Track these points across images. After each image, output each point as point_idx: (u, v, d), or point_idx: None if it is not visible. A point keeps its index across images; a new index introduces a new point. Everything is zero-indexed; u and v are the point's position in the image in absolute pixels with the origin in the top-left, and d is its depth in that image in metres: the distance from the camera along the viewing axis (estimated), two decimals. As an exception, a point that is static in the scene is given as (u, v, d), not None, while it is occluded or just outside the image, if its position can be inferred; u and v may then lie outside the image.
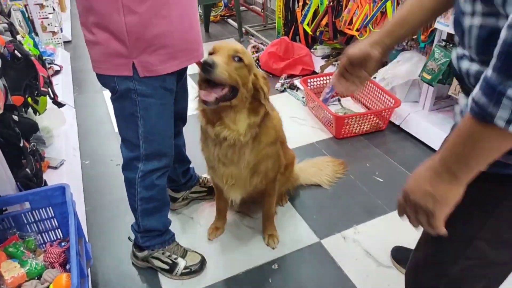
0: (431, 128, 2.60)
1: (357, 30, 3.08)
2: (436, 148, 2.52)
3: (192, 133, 1.97)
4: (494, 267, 0.94)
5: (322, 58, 3.70)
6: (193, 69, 1.72)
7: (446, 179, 0.75)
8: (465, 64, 0.81)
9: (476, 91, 0.67)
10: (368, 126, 2.76)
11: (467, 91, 0.87)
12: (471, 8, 0.76)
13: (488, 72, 0.65)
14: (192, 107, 1.66)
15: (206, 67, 1.29)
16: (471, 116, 0.68)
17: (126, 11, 1.25)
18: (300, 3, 3.67)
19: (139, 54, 1.33)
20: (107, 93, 1.47)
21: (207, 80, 1.36)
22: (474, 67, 0.79)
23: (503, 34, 0.62)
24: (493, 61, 0.64)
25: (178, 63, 1.44)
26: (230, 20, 5.17)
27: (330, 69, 3.46)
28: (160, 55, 1.36)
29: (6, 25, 1.99)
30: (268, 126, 1.59)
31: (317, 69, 3.59)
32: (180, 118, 1.84)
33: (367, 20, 2.97)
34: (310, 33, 3.62)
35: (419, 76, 2.63)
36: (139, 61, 1.34)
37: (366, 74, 1.14)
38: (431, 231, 0.82)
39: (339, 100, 3.14)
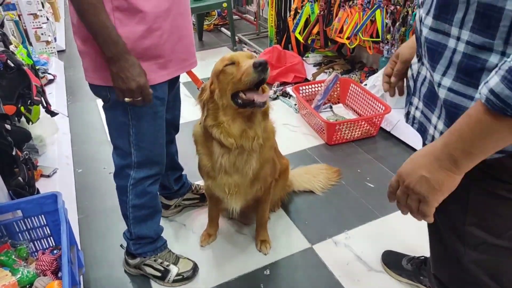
0: (421, 134, 2.63)
1: (348, 38, 3.12)
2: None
3: (184, 140, 1.99)
4: (504, 251, 0.92)
5: (314, 65, 3.75)
6: (186, 77, 1.74)
7: (446, 166, 0.74)
8: (422, 29, 0.85)
9: (495, 82, 0.64)
10: (359, 132, 2.79)
11: (419, 57, 0.93)
12: None
13: (511, 63, 0.63)
14: (187, 116, 1.68)
15: (266, 66, 1.34)
16: (486, 107, 0.66)
17: (118, 24, 1.27)
18: (292, 12, 3.73)
19: None
20: (100, 102, 1.48)
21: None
22: (425, 33, 0.83)
23: None
24: None
25: (169, 72, 1.46)
26: (223, 29, 5.22)
27: (322, 76, 3.50)
28: (151, 65, 1.37)
29: (-1, 35, 2.01)
30: (269, 130, 1.62)
31: (309, 77, 3.63)
32: (173, 126, 1.86)
33: (357, 28, 3.02)
34: (302, 41, 3.68)
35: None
36: None
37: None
38: (418, 218, 0.82)
39: (330, 107, 3.18)
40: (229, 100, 1.45)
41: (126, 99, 1.32)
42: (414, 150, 2.63)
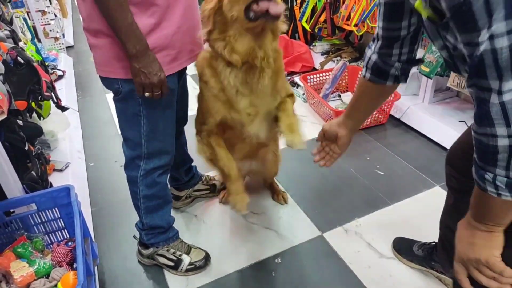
0: (431, 120, 2.62)
1: (355, 25, 3.09)
2: (437, 140, 2.54)
3: (193, 132, 1.99)
4: None
5: (322, 54, 3.72)
6: (193, 69, 1.74)
7: (484, 229, 0.88)
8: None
9: (473, 171, 0.84)
10: (369, 120, 2.78)
11: None
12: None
13: (474, 155, 0.83)
14: (195, 108, 1.68)
15: None
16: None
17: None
18: (298, 1, 3.70)
19: None
20: (110, 96, 1.50)
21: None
22: None
23: (473, 135, 0.81)
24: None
25: (179, 63, 1.47)
26: (230, 20, 5.19)
27: (330, 65, 3.48)
28: (163, 57, 1.39)
29: (8, 32, 2.04)
30: (278, 51, 1.50)
31: (317, 66, 3.61)
32: (181, 117, 1.87)
33: (364, 15, 2.99)
34: (309, 30, 3.65)
35: (417, 69, 2.64)
36: None
37: (337, 149, 1.39)
38: (504, 281, 0.89)
39: (339, 96, 3.16)
40: (242, 12, 1.29)
41: (146, 93, 1.36)
42: (424, 136, 2.62)
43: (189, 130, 1.98)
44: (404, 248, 1.79)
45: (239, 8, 1.28)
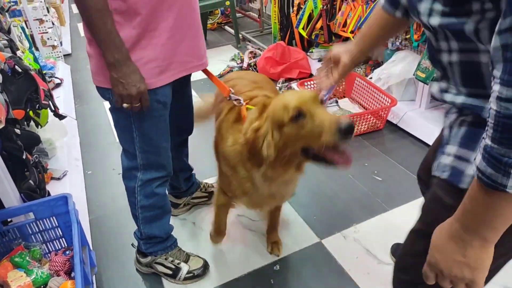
0: (428, 125, 2.63)
1: (352, 32, 3.11)
2: (434, 145, 2.54)
3: (192, 140, 2.00)
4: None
5: (319, 61, 3.74)
6: (193, 76, 1.73)
7: (477, 245, 0.73)
8: (449, 97, 0.84)
9: (479, 160, 0.66)
10: (366, 126, 2.79)
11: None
12: (447, 46, 0.78)
13: (487, 142, 0.64)
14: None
15: (353, 129, 1.09)
16: (481, 184, 0.66)
17: (116, 27, 1.25)
18: (295, 8, 3.72)
19: None
20: (107, 104, 1.50)
21: None
22: (460, 99, 0.82)
23: (493, 106, 0.62)
24: (490, 132, 0.63)
25: (170, 75, 1.42)
26: (227, 27, 5.23)
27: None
28: (150, 69, 1.34)
29: (6, 42, 2.04)
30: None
31: (314, 72, 3.62)
32: (186, 127, 1.86)
33: (360, 21, 3.01)
34: (306, 36, 3.67)
35: (414, 75, 2.66)
36: None
37: (335, 74, 1.25)
38: None
39: (336, 102, 3.17)
40: (298, 155, 1.23)
41: (125, 105, 1.32)
42: (421, 142, 2.63)
43: (192, 139, 1.97)
44: None
45: (294, 152, 1.22)
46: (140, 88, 1.30)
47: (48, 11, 4.66)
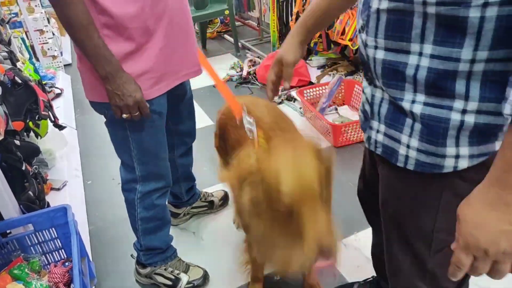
0: (427, 132, 2.62)
1: (350, 39, 3.13)
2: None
3: (194, 148, 1.99)
4: None
5: (318, 68, 3.75)
6: (193, 84, 1.72)
7: None
8: (371, 52, 0.85)
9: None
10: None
11: (370, 80, 0.92)
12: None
13: None
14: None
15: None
16: None
17: (107, 41, 1.25)
18: (294, 16, 3.74)
19: None
20: (105, 116, 1.50)
21: None
22: (379, 55, 0.82)
23: None
24: None
25: (164, 85, 1.42)
26: (226, 36, 5.25)
27: (326, 79, 3.50)
28: (144, 81, 1.34)
29: (5, 54, 2.06)
30: None
31: (314, 80, 3.63)
32: (188, 135, 1.86)
33: (359, 29, 3.02)
34: (305, 44, 3.68)
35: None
36: None
37: (285, 77, 1.22)
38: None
39: (336, 109, 3.18)
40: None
41: (124, 115, 1.32)
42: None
43: (194, 145, 1.97)
44: None
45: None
46: (136, 97, 1.29)
47: (49, 22, 4.69)
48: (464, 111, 0.75)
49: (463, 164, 0.81)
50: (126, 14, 1.24)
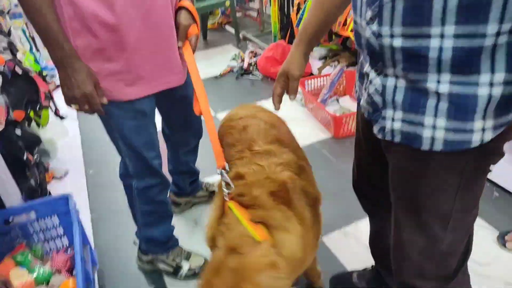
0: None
1: (352, 30, 3.11)
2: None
3: (204, 144, 1.97)
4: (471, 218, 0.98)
5: (319, 59, 3.74)
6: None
7: None
8: (387, 41, 0.83)
9: None
10: (366, 124, 2.78)
11: (380, 70, 0.91)
12: None
13: None
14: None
15: None
16: None
17: (74, 33, 1.21)
18: (295, 7, 3.72)
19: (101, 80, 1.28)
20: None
21: None
22: (397, 43, 0.81)
23: None
24: None
25: (141, 90, 1.35)
26: (227, 27, 5.24)
27: (327, 70, 3.49)
28: (114, 81, 1.29)
29: (5, 45, 2.06)
30: None
31: (315, 71, 3.62)
32: (193, 136, 1.83)
33: (360, 19, 3.01)
34: (306, 35, 3.67)
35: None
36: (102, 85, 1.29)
37: (291, 90, 1.27)
38: None
39: (337, 100, 3.17)
40: None
41: (73, 106, 1.26)
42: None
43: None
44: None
45: None
46: (84, 90, 1.20)
47: (49, 13, 4.67)
48: (491, 84, 0.76)
49: (488, 136, 0.82)
50: (93, 10, 1.17)
